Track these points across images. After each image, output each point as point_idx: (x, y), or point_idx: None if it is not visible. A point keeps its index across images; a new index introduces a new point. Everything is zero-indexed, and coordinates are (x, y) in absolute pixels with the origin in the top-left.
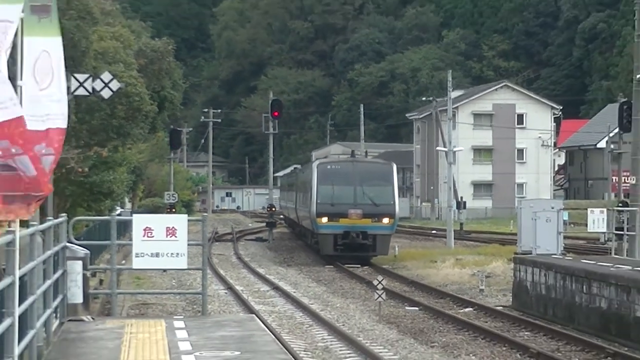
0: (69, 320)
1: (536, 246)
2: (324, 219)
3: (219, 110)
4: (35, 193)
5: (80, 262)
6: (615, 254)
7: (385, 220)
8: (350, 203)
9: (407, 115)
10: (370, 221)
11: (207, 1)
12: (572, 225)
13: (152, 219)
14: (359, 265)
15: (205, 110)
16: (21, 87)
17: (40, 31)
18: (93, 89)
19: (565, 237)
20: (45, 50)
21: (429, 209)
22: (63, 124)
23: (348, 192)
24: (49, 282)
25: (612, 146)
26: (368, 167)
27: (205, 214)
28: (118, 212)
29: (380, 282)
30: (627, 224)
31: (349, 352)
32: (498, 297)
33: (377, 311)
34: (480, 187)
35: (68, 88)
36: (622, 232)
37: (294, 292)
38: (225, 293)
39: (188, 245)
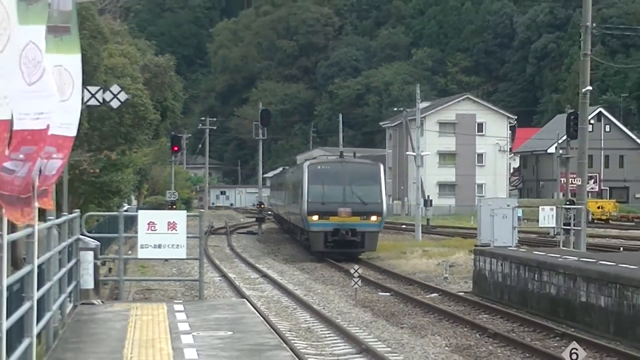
0: (82, 304)
1: (494, 239)
2: (315, 217)
3: (215, 119)
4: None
5: (91, 252)
6: (563, 246)
7: (373, 218)
8: (339, 202)
9: (380, 123)
10: (359, 219)
11: (204, 22)
12: (525, 221)
13: (155, 215)
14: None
15: (203, 118)
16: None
17: (62, 49)
18: (103, 99)
19: (519, 232)
20: (63, 66)
21: (399, 206)
22: (74, 132)
23: (338, 192)
24: (63, 270)
25: (560, 151)
26: (356, 167)
27: (202, 210)
28: (125, 208)
29: (356, 271)
30: (574, 220)
31: (328, 332)
32: (460, 284)
33: (354, 296)
34: (445, 187)
35: (81, 98)
36: (569, 227)
37: (281, 279)
38: (220, 280)
39: (187, 237)
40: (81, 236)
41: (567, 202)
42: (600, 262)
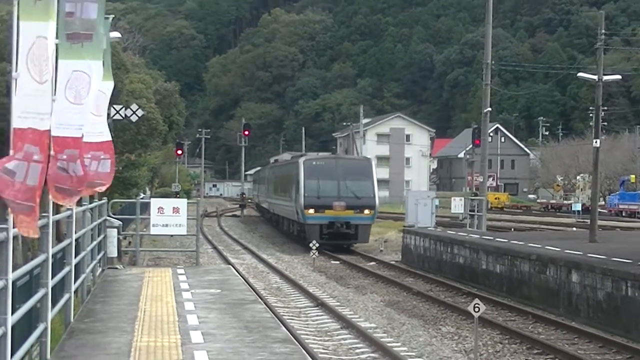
0: (108, 268)
1: (417, 222)
2: (311, 211)
3: (209, 130)
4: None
5: (115, 230)
6: (469, 227)
7: (366, 212)
8: (334, 196)
9: (333, 134)
10: (353, 212)
11: (201, 58)
12: (441, 208)
13: (163, 202)
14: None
15: (200, 130)
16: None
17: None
18: (125, 115)
19: (436, 216)
20: (102, 91)
21: None
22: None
23: (332, 186)
24: (94, 243)
25: (467, 156)
26: (349, 163)
27: (199, 198)
28: (141, 197)
29: (314, 245)
30: (477, 208)
31: (293, 290)
32: (392, 255)
33: (312, 264)
34: (381, 183)
35: (108, 114)
36: (473, 213)
37: (257, 251)
38: (212, 251)
39: (187, 219)
40: (108, 217)
41: (472, 195)
42: (497, 239)
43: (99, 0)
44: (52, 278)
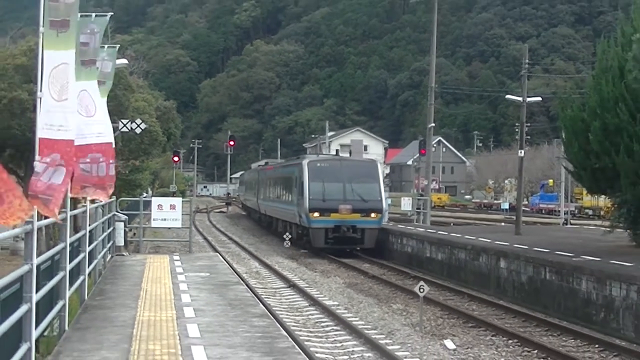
0: (116, 255)
1: None
2: (316, 214)
3: (200, 140)
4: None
5: (122, 223)
6: (416, 222)
7: (373, 215)
8: (340, 199)
9: (304, 145)
10: (359, 216)
11: (195, 81)
12: (393, 206)
13: (162, 200)
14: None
15: (193, 140)
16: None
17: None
18: (131, 128)
19: (389, 213)
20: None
21: None
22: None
23: (338, 189)
24: (105, 234)
25: (415, 164)
26: (354, 164)
27: (192, 197)
28: (144, 196)
29: (288, 235)
30: (422, 206)
31: (270, 274)
32: None
33: (286, 252)
34: None
35: (116, 128)
36: (419, 210)
37: (240, 241)
38: (202, 241)
39: (182, 214)
40: (116, 213)
41: (419, 195)
42: (439, 232)
43: None
44: (69, 263)
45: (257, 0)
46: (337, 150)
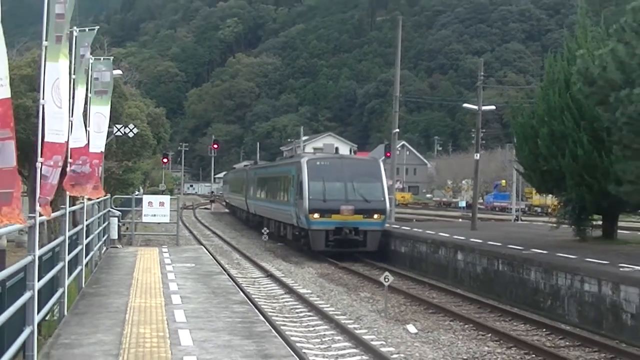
0: (110, 247)
1: None
2: (316, 215)
3: (187, 144)
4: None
5: (116, 218)
6: None
7: (376, 216)
8: (342, 199)
9: (281, 148)
10: (362, 217)
11: (183, 90)
12: None
13: (152, 197)
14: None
15: (181, 143)
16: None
17: (101, 103)
18: (124, 132)
19: None
20: (102, 113)
21: None
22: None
23: (339, 189)
24: (100, 228)
25: None
26: (356, 163)
27: (179, 195)
28: (136, 194)
29: (265, 230)
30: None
31: (249, 265)
32: None
33: (264, 245)
34: None
35: (111, 132)
36: None
37: (223, 235)
38: (188, 235)
39: (170, 210)
40: (111, 209)
41: None
42: (402, 227)
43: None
44: (68, 254)
45: (239, 17)
46: (336, 148)
